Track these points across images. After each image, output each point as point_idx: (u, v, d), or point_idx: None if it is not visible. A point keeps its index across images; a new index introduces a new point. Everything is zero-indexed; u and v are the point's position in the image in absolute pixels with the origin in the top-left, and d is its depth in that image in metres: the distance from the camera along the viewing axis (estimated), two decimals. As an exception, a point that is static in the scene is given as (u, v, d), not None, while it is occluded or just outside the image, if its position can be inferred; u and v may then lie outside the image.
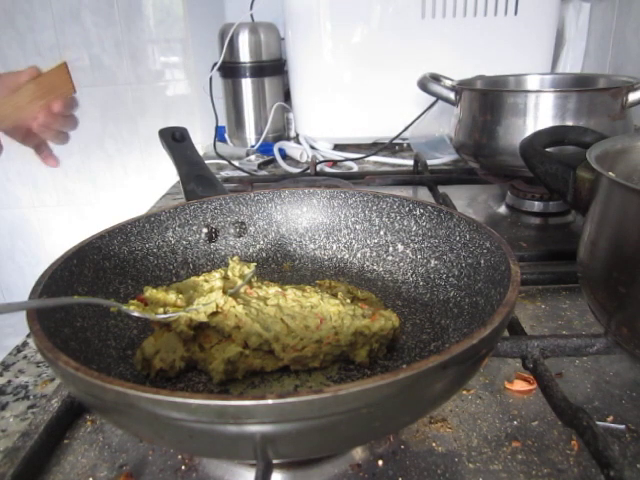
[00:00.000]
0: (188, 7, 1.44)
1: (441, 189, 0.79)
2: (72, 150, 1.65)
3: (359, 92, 1.10)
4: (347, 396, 0.24)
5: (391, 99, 1.09)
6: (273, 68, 1.22)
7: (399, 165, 1.05)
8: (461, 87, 0.79)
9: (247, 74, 1.19)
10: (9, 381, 0.45)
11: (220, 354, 0.38)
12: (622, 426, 0.36)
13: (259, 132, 1.24)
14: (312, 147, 1.14)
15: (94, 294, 0.42)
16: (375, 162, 1.08)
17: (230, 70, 1.20)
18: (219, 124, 1.22)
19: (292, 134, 1.28)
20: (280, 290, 0.43)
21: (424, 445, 0.36)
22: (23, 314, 0.31)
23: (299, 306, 0.41)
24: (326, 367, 0.39)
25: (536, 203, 0.74)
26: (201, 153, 0.67)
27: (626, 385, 0.41)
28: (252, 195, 0.54)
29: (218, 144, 1.17)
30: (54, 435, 0.37)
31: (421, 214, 0.49)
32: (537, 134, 0.55)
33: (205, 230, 0.53)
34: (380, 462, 0.35)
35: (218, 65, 1.19)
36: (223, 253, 0.53)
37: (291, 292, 0.42)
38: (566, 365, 0.43)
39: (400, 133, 1.03)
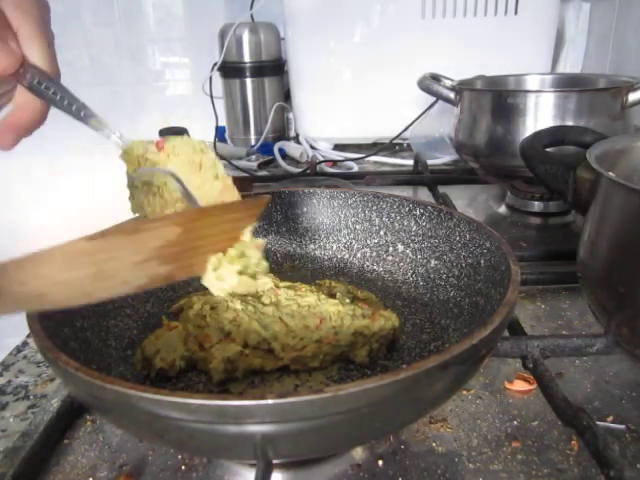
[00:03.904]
0: (188, 7, 1.44)
1: (441, 189, 0.79)
2: (72, 150, 1.65)
3: (359, 92, 1.10)
4: (347, 396, 0.24)
5: (391, 99, 1.08)
6: (273, 68, 1.22)
7: (399, 165, 1.05)
8: (461, 87, 0.79)
9: (247, 74, 1.19)
10: (9, 381, 0.45)
11: (220, 353, 0.38)
12: (622, 426, 0.36)
13: (259, 132, 1.24)
14: (312, 147, 1.14)
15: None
16: (375, 162, 1.08)
17: (230, 70, 1.20)
18: (219, 124, 1.22)
19: (292, 134, 1.28)
20: (273, 287, 0.43)
21: (424, 445, 0.36)
22: (23, 314, 0.31)
23: (297, 305, 0.41)
24: (326, 367, 0.39)
25: (536, 203, 0.74)
26: (201, 153, 0.66)
27: (626, 385, 0.41)
28: (252, 195, 0.54)
29: (218, 144, 1.17)
30: (54, 435, 0.37)
31: (421, 214, 0.49)
32: (537, 134, 0.55)
33: (205, 230, 0.53)
34: (380, 462, 0.35)
35: (218, 65, 1.19)
36: (223, 253, 0.53)
37: (283, 292, 0.42)
38: (566, 365, 0.43)
39: (400, 133, 1.03)
